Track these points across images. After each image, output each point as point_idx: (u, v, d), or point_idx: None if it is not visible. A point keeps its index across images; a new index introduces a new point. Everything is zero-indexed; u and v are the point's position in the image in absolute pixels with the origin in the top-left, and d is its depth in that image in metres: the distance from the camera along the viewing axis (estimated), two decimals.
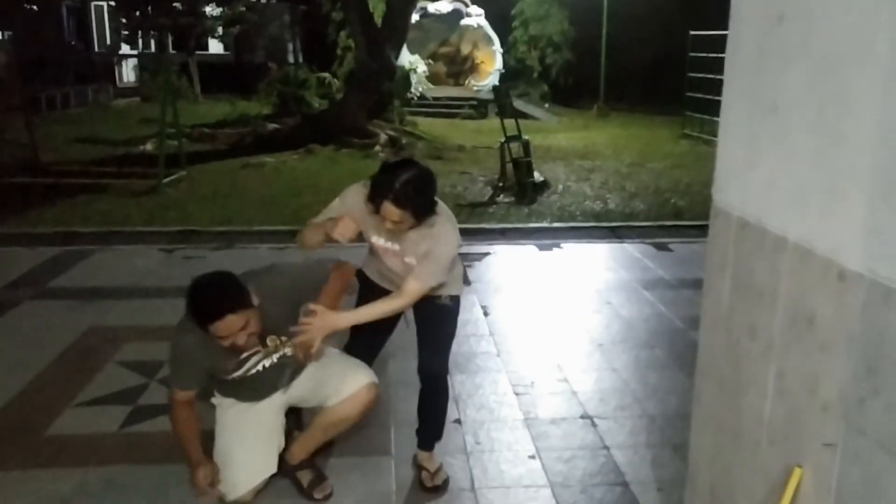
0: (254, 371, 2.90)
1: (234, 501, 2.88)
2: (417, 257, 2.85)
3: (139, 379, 4.01)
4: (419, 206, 2.72)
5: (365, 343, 3.21)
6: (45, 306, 5.12)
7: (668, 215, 8.33)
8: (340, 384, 2.93)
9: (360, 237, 2.96)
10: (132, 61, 23.30)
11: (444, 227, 2.85)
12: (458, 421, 3.62)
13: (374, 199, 2.71)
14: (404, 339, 4.54)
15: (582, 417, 3.67)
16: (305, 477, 3.02)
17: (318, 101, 16.14)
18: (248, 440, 2.95)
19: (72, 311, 4.99)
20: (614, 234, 7.49)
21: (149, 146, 12.24)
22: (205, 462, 2.79)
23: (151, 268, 6.11)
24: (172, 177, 9.49)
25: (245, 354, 2.83)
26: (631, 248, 6.91)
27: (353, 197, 2.90)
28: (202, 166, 10.59)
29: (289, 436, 3.09)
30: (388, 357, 4.33)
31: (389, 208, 2.68)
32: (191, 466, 2.78)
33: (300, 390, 3.05)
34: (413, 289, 2.82)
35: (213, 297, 2.61)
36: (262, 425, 2.99)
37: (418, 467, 3.18)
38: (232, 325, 2.59)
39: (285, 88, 16.29)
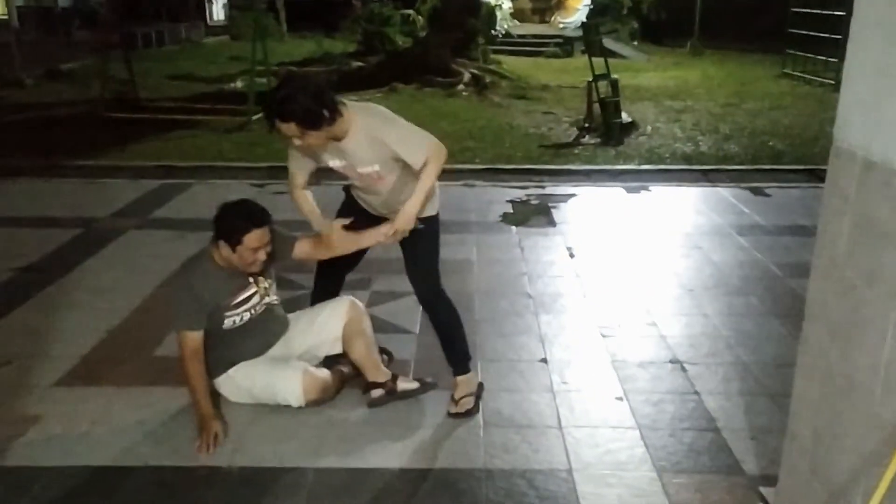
0: (251, 311, 3.12)
1: (307, 404, 3.10)
2: (373, 160, 2.89)
3: None
4: (304, 115, 2.72)
5: (335, 275, 3.42)
6: (148, 235, 5.37)
7: (766, 158, 7.99)
8: (330, 319, 3.25)
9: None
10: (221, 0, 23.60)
11: (368, 119, 2.88)
12: (543, 360, 3.63)
13: (269, 124, 2.81)
14: (488, 280, 4.59)
15: (671, 362, 3.62)
16: (403, 384, 3.21)
17: (402, 38, 16.02)
18: (271, 363, 3.17)
19: (172, 241, 5.20)
20: (706, 178, 7.25)
21: (238, 83, 12.48)
22: (219, 417, 3.01)
23: None
24: (261, 114, 9.66)
25: (245, 295, 3.09)
26: (724, 193, 6.68)
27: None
28: None
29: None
30: (473, 295, 4.38)
31: (282, 127, 2.76)
32: (202, 420, 2.93)
33: (299, 342, 3.28)
34: (428, 170, 2.90)
35: (251, 210, 2.98)
36: (278, 360, 3.21)
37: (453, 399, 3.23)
38: (262, 237, 2.94)
39: (369, 26, 16.23)
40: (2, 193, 6.44)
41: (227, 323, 3.09)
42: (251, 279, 3.13)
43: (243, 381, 3.16)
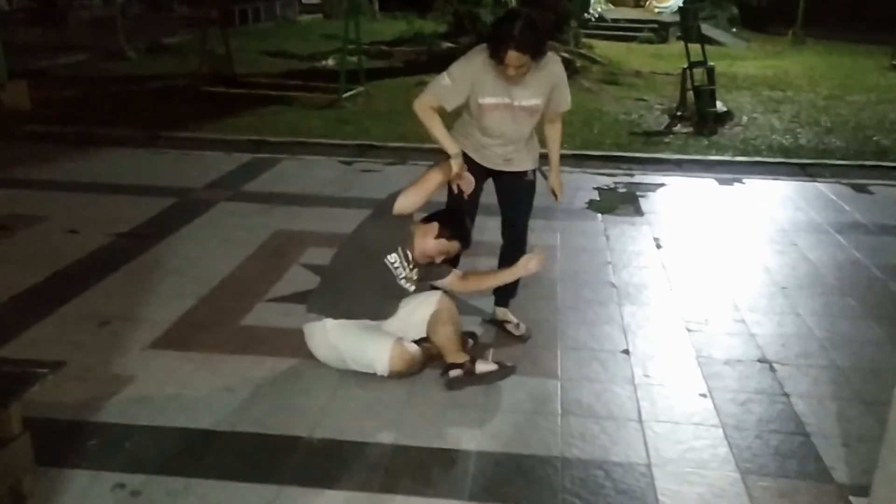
0: (395, 278, 3.29)
1: (391, 374, 3.17)
2: (540, 94, 3.29)
3: None
4: (537, 47, 3.11)
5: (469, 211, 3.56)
6: (239, 208, 5.52)
7: (870, 154, 7.57)
8: (420, 307, 3.33)
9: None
10: None
11: (559, 64, 3.36)
12: (626, 351, 3.56)
13: (498, 50, 3.08)
14: (572, 267, 4.53)
15: (759, 361, 3.49)
16: (481, 366, 3.22)
17: (493, 19, 15.88)
18: (366, 328, 3.28)
19: (262, 214, 5.35)
20: (804, 172, 6.93)
21: (330, 61, 12.66)
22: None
23: (332, 178, 6.40)
24: (352, 92, 9.78)
25: (402, 263, 3.28)
26: (824, 188, 6.37)
27: (472, 63, 3.24)
28: (379, 83, 10.83)
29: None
30: (557, 282, 4.33)
31: (513, 55, 3.05)
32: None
33: (388, 324, 3.36)
34: (560, 116, 3.56)
35: (465, 229, 3.36)
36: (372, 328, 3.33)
37: (500, 323, 3.72)
38: (452, 247, 3.30)
39: (460, 6, 16.10)
40: (104, 161, 6.75)
41: (376, 270, 3.23)
42: (412, 259, 3.31)
43: (338, 337, 3.21)
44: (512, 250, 3.60)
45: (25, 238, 4.80)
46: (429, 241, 3.26)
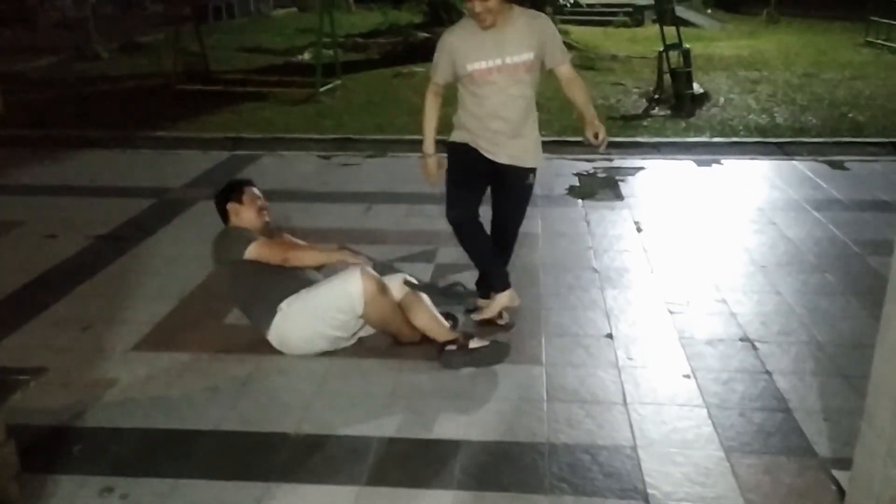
0: None
1: (366, 305, 3.23)
2: (530, 47, 3.24)
3: None
4: None
5: (476, 197, 3.52)
6: None
7: (846, 131, 7.65)
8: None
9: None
10: None
11: (546, 20, 3.33)
12: (609, 335, 3.58)
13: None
14: (553, 254, 4.54)
15: (741, 340, 3.53)
16: (475, 342, 3.28)
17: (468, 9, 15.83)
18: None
19: None
20: (782, 151, 6.98)
21: (306, 56, 12.58)
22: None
23: (311, 173, 6.38)
24: (328, 86, 9.73)
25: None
26: (800, 166, 6.43)
27: (453, 31, 3.35)
28: (356, 76, 10.79)
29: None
30: (539, 269, 4.34)
31: None
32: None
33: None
34: (568, 71, 3.44)
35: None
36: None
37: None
38: (256, 194, 3.52)
39: None
40: (80, 164, 6.68)
41: (256, 269, 3.36)
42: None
43: (300, 308, 3.26)
44: (502, 252, 3.65)
45: (2, 244, 4.75)
46: (242, 217, 3.53)
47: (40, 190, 5.87)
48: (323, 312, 3.25)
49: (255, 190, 3.63)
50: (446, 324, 3.39)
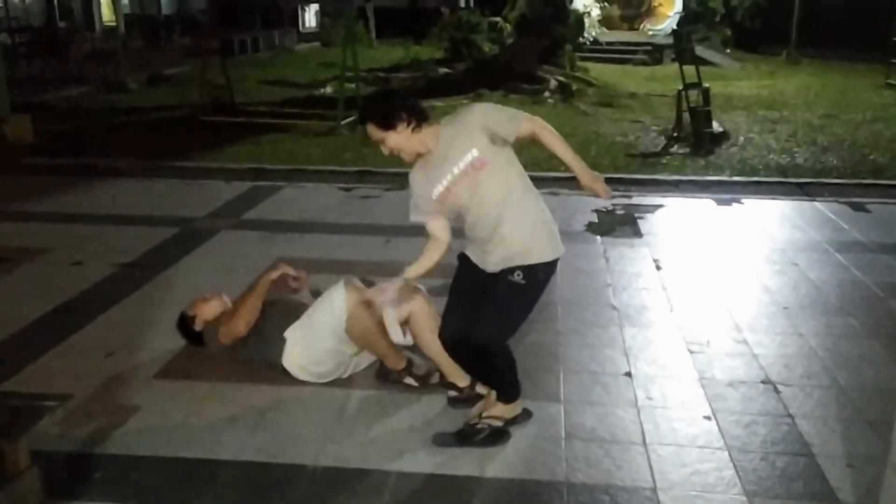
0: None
1: (350, 313, 3.31)
2: (472, 144, 2.83)
3: None
4: (380, 113, 2.84)
5: (464, 313, 2.99)
6: (240, 236, 5.56)
7: (867, 173, 7.62)
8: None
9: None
10: (314, 7, 24.24)
11: (449, 118, 2.94)
12: (628, 374, 3.57)
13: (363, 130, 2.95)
14: (572, 290, 4.55)
15: (763, 382, 3.50)
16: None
17: (489, 45, 16.05)
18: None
19: (263, 242, 5.38)
20: (803, 191, 6.97)
21: (328, 89, 12.78)
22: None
23: (332, 205, 6.45)
24: (350, 119, 9.85)
25: None
26: (822, 207, 6.41)
27: (409, 177, 3.03)
28: None
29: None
30: (557, 305, 4.34)
31: (368, 130, 2.88)
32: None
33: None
34: (529, 128, 2.94)
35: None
36: None
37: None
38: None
39: (457, 33, 16.32)
40: (106, 192, 6.79)
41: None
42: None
43: (302, 334, 3.38)
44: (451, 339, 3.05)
45: (29, 270, 4.82)
46: (200, 319, 3.58)
47: (67, 217, 5.98)
48: (320, 329, 3.34)
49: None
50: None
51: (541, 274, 2.94)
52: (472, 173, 2.85)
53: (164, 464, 2.84)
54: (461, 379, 3.26)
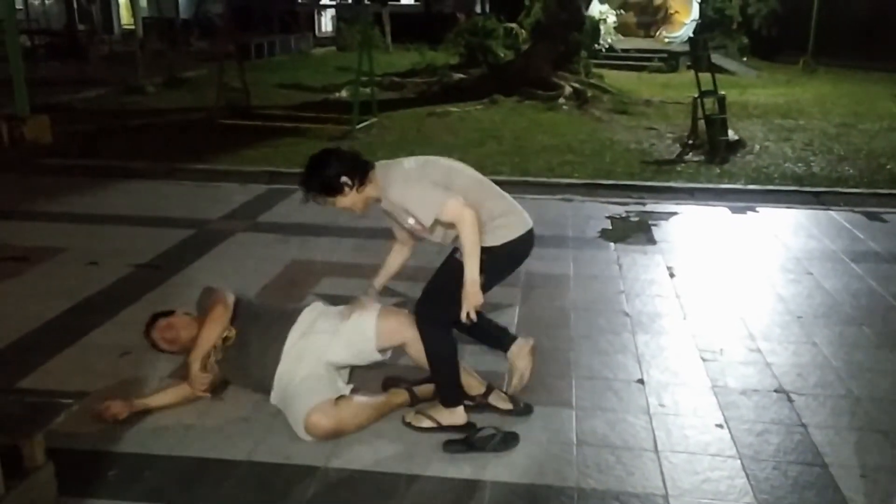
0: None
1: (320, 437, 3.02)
2: (403, 216, 2.99)
3: None
4: (322, 185, 2.94)
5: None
6: (255, 238, 5.60)
7: (883, 182, 7.57)
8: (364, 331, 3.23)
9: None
10: (330, 12, 24.39)
11: (388, 182, 2.95)
12: (640, 381, 3.56)
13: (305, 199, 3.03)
14: (585, 296, 4.54)
15: (776, 391, 3.48)
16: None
17: (504, 51, 16.08)
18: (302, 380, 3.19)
19: (278, 245, 5.41)
20: (818, 200, 6.93)
21: (343, 93, 12.85)
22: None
23: None
24: (365, 123, 9.91)
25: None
26: (837, 217, 6.38)
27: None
28: (391, 113, 10.96)
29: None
30: (570, 311, 4.34)
31: (315, 200, 2.99)
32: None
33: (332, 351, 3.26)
34: (464, 234, 2.89)
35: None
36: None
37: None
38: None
39: (472, 39, 16.37)
40: (122, 193, 6.85)
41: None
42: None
43: (287, 371, 3.19)
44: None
45: (46, 270, 4.87)
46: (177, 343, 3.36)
47: (84, 218, 6.03)
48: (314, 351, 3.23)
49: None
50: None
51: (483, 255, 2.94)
52: (419, 232, 3.05)
53: (177, 463, 2.86)
54: (473, 388, 3.26)
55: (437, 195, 2.90)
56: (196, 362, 3.18)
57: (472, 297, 2.89)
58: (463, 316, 2.92)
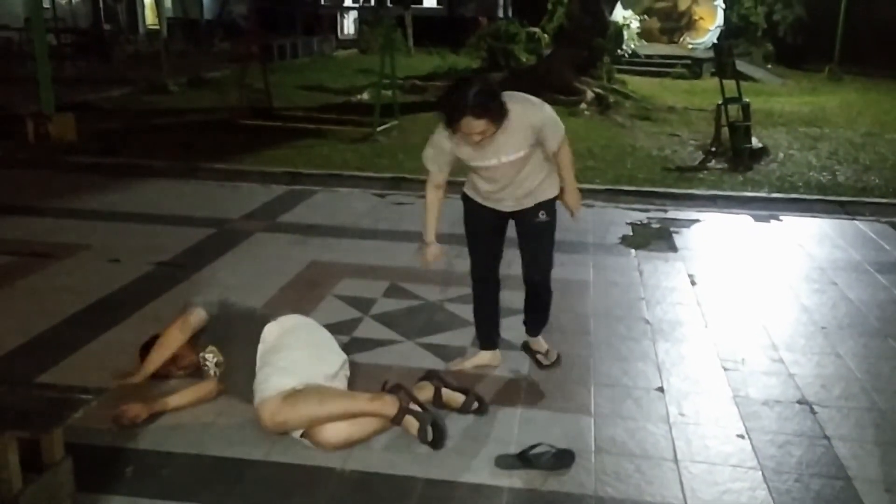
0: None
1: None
2: (524, 146, 3.19)
3: (354, 313, 4.28)
4: (495, 112, 3.03)
5: (490, 253, 3.57)
6: (275, 238, 5.61)
7: None
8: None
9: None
10: (353, 14, 24.49)
11: (522, 106, 3.16)
12: (660, 389, 3.52)
13: (452, 120, 3.02)
14: (605, 303, 4.51)
15: (799, 402, 3.42)
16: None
17: (527, 56, 16.06)
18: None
19: (297, 245, 5.42)
20: (843, 210, 6.84)
21: (365, 96, 12.88)
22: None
23: (365, 210, 6.48)
24: (386, 125, 9.91)
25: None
26: (863, 227, 6.28)
27: (442, 139, 3.23)
28: (413, 117, 10.95)
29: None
30: (590, 317, 4.31)
31: (471, 122, 2.99)
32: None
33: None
34: (567, 154, 3.40)
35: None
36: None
37: (531, 352, 3.72)
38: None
39: (494, 43, 16.37)
40: (145, 192, 6.90)
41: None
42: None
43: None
44: (534, 298, 3.66)
45: (68, 266, 4.91)
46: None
47: (107, 215, 6.08)
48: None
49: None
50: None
51: (554, 206, 3.44)
52: (517, 163, 3.24)
53: (193, 461, 2.86)
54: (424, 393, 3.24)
55: (557, 118, 3.31)
56: (140, 377, 3.30)
57: (578, 200, 3.53)
58: (579, 214, 3.58)
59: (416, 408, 3.00)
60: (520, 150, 3.20)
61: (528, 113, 3.18)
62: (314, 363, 3.15)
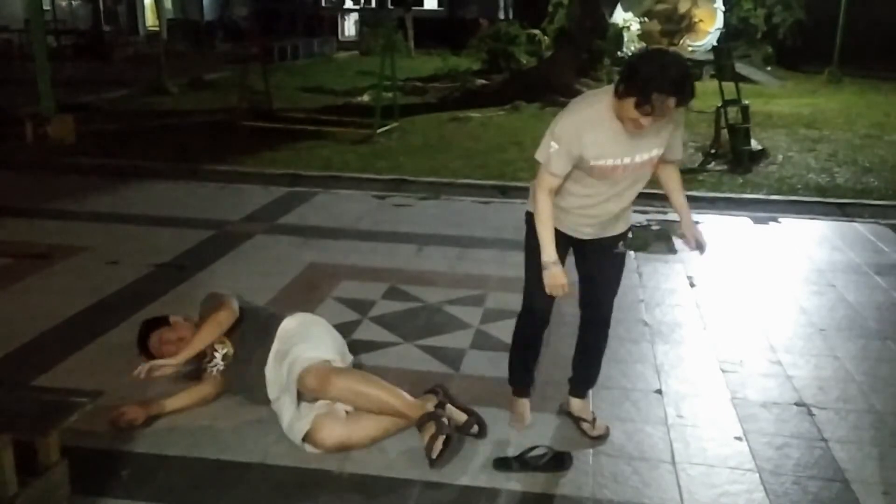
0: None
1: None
2: (661, 144, 2.82)
3: (353, 315, 4.27)
4: (692, 93, 2.63)
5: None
6: (275, 240, 5.61)
7: None
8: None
9: None
10: (353, 16, 24.52)
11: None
12: (658, 391, 3.52)
13: (649, 98, 2.52)
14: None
15: (797, 404, 3.42)
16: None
17: (527, 58, 16.06)
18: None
19: (297, 247, 5.42)
20: (842, 212, 6.83)
21: (366, 97, 12.88)
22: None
23: (365, 212, 6.48)
24: (386, 127, 9.91)
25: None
26: (862, 229, 6.28)
27: (582, 119, 2.74)
28: (413, 118, 10.97)
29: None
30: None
31: (668, 101, 2.54)
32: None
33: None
34: (677, 172, 3.12)
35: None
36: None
37: (575, 419, 3.19)
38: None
39: (495, 45, 16.38)
40: (144, 194, 6.91)
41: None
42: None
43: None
44: (594, 347, 3.24)
45: (66, 268, 4.91)
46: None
47: (106, 217, 6.09)
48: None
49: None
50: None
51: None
52: (645, 167, 2.87)
53: (191, 464, 2.86)
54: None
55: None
56: (182, 357, 3.16)
57: (699, 233, 3.27)
58: (700, 245, 3.30)
59: (445, 420, 2.95)
60: (653, 150, 2.79)
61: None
62: (338, 353, 3.24)
